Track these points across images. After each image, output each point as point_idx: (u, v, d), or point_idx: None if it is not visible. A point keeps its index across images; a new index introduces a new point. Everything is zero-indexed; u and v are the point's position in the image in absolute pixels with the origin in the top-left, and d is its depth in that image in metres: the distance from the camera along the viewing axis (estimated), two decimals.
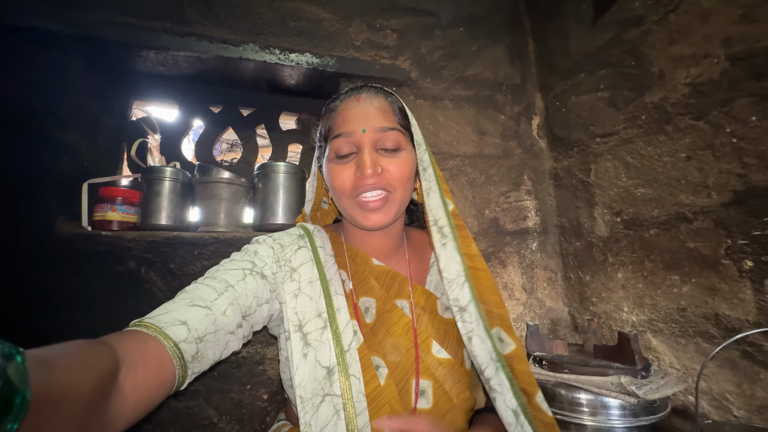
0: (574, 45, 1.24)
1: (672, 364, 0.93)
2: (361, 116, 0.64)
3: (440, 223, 0.64)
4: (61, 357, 0.32)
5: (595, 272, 1.15)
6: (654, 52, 0.98)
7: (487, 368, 0.56)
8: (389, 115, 0.66)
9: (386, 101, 0.68)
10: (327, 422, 0.53)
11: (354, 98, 0.67)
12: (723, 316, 0.83)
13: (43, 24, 0.92)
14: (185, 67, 1.15)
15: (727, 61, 0.83)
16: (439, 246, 0.63)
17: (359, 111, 0.65)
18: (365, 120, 0.64)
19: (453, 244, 0.62)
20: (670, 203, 0.94)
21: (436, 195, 0.66)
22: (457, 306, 0.59)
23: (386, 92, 0.70)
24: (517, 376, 0.55)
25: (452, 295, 0.60)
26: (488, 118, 1.34)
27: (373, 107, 0.65)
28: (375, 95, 0.68)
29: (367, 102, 0.66)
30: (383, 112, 0.66)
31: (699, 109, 0.88)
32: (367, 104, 0.66)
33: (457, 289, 0.60)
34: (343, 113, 0.66)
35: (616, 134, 1.09)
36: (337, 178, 0.64)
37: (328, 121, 0.69)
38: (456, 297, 0.59)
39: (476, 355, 0.57)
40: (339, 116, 0.67)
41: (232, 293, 0.56)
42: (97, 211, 0.97)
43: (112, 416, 0.38)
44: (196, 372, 0.51)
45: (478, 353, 0.57)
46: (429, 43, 1.32)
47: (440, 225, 0.64)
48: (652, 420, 0.74)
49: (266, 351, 0.96)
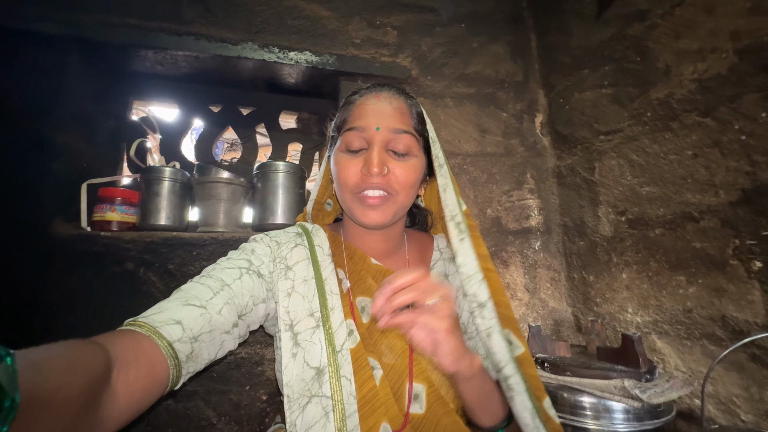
0: (576, 41, 1.22)
1: (677, 367, 0.91)
2: (378, 113, 0.64)
3: (457, 219, 0.64)
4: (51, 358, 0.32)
5: (599, 272, 1.13)
6: (659, 47, 0.96)
7: (506, 366, 0.55)
8: (406, 117, 0.66)
9: (405, 103, 0.68)
10: (314, 423, 0.52)
11: (375, 94, 0.67)
12: (730, 318, 0.81)
13: (40, 27, 0.92)
14: (184, 66, 1.14)
15: (735, 56, 0.80)
16: (457, 241, 0.62)
17: (377, 108, 0.65)
18: (381, 118, 0.64)
19: (469, 242, 0.62)
20: (676, 202, 0.92)
21: (452, 192, 0.66)
22: (476, 302, 0.58)
23: (407, 95, 0.70)
24: (527, 380, 0.55)
25: (471, 291, 0.59)
26: (490, 115, 1.32)
27: (391, 107, 0.65)
28: (396, 96, 0.68)
29: (386, 101, 0.66)
30: (400, 114, 0.66)
31: (706, 106, 0.86)
32: (385, 103, 0.66)
33: (476, 285, 0.59)
34: (361, 107, 0.66)
35: (621, 131, 1.07)
36: (344, 171, 0.64)
37: (345, 112, 0.69)
38: (475, 293, 0.59)
39: (495, 352, 0.56)
40: (356, 109, 0.66)
41: (228, 292, 0.55)
42: (96, 211, 0.97)
43: (103, 416, 0.37)
44: (191, 372, 0.51)
45: (497, 350, 0.56)
46: (429, 40, 1.30)
47: (457, 221, 0.64)
48: (657, 424, 0.72)
49: (265, 352, 0.96)
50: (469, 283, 0.60)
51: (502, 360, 0.55)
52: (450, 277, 0.75)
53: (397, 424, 0.57)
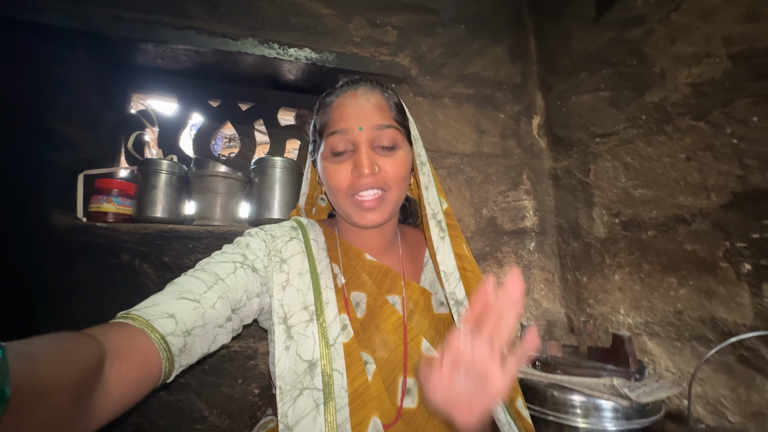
0: (575, 44, 1.23)
1: (667, 368, 0.92)
2: (357, 113, 0.63)
3: (438, 217, 0.65)
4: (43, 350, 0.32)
5: (593, 274, 1.14)
6: (656, 51, 0.97)
7: None
8: (386, 111, 0.66)
9: (383, 97, 0.67)
10: (304, 415, 0.52)
11: (351, 93, 0.66)
12: (720, 320, 0.82)
13: (43, 18, 0.93)
14: (184, 60, 1.15)
15: (729, 61, 0.81)
16: (437, 239, 0.64)
17: (356, 108, 0.64)
18: (362, 117, 0.63)
19: (449, 240, 0.63)
20: (669, 204, 0.93)
21: (434, 190, 0.67)
22: (453, 299, 0.60)
23: (383, 87, 0.69)
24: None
25: (449, 288, 0.61)
26: (488, 116, 1.33)
27: (369, 104, 0.65)
28: (371, 90, 0.67)
29: (363, 98, 0.65)
30: (380, 109, 0.65)
31: (699, 110, 0.87)
32: (363, 100, 0.65)
33: (453, 283, 0.61)
34: (339, 109, 0.65)
35: (616, 134, 1.08)
36: (333, 177, 0.64)
37: (324, 116, 0.68)
38: (452, 291, 0.60)
39: None
40: (335, 112, 0.66)
41: (222, 286, 0.55)
42: (92, 202, 0.97)
43: (95, 408, 0.38)
44: (184, 365, 0.51)
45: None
46: (430, 40, 1.31)
47: (438, 219, 0.65)
48: (645, 423, 0.73)
49: (258, 345, 0.96)
50: (447, 280, 0.61)
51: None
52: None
53: (390, 417, 0.57)
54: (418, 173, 0.68)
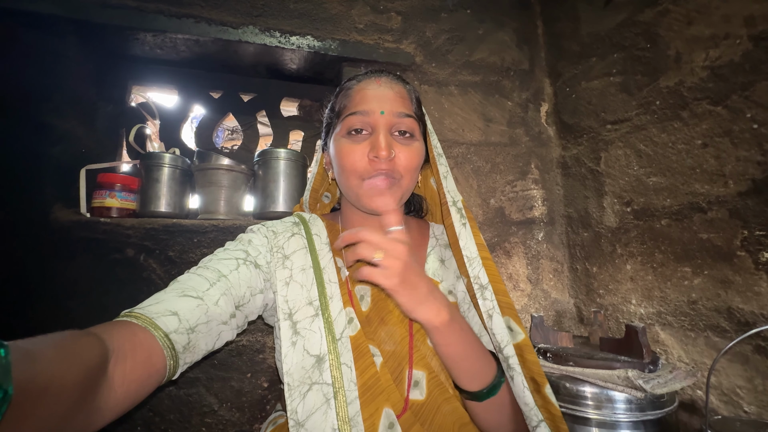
0: (584, 28, 1.19)
1: (680, 358, 0.91)
2: (380, 98, 0.64)
3: (458, 205, 0.66)
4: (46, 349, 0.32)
5: (603, 263, 1.12)
6: (670, 33, 0.93)
7: (507, 347, 0.56)
8: (407, 102, 0.67)
9: (405, 89, 0.69)
10: (314, 410, 0.52)
11: (374, 80, 0.67)
12: (736, 310, 0.80)
13: (37, 7, 0.90)
14: (184, 50, 1.12)
15: (750, 42, 0.78)
16: (459, 225, 0.64)
17: (379, 92, 0.65)
18: (384, 102, 0.64)
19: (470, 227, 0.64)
20: (684, 192, 0.91)
21: (452, 180, 0.69)
22: (478, 284, 0.60)
23: (405, 81, 0.71)
24: (528, 366, 0.55)
25: (473, 273, 0.61)
26: (495, 104, 1.30)
27: (392, 92, 0.66)
28: (395, 81, 0.68)
29: (386, 86, 0.66)
30: (402, 98, 0.66)
31: (717, 94, 0.84)
32: (386, 88, 0.66)
33: (477, 268, 0.61)
34: (362, 92, 0.65)
35: (629, 121, 1.05)
36: (348, 157, 0.63)
37: (344, 99, 0.68)
38: (477, 275, 0.61)
39: (496, 333, 0.57)
40: (357, 95, 0.66)
41: (225, 283, 0.56)
42: (95, 197, 0.95)
43: (100, 407, 0.38)
44: (188, 362, 0.51)
45: (498, 330, 0.57)
46: (434, 26, 1.27)
47: (458, 207, 0.66)
48: (659, 414, 0.72)
49: (266, 339, 0.96)
50: (471, 265, 0.62)
51: (503, 340, 0.57)
52: (446, 263, 0.75)
53: (398, 409, 0.57)
54: (436, 164, 0.69)
